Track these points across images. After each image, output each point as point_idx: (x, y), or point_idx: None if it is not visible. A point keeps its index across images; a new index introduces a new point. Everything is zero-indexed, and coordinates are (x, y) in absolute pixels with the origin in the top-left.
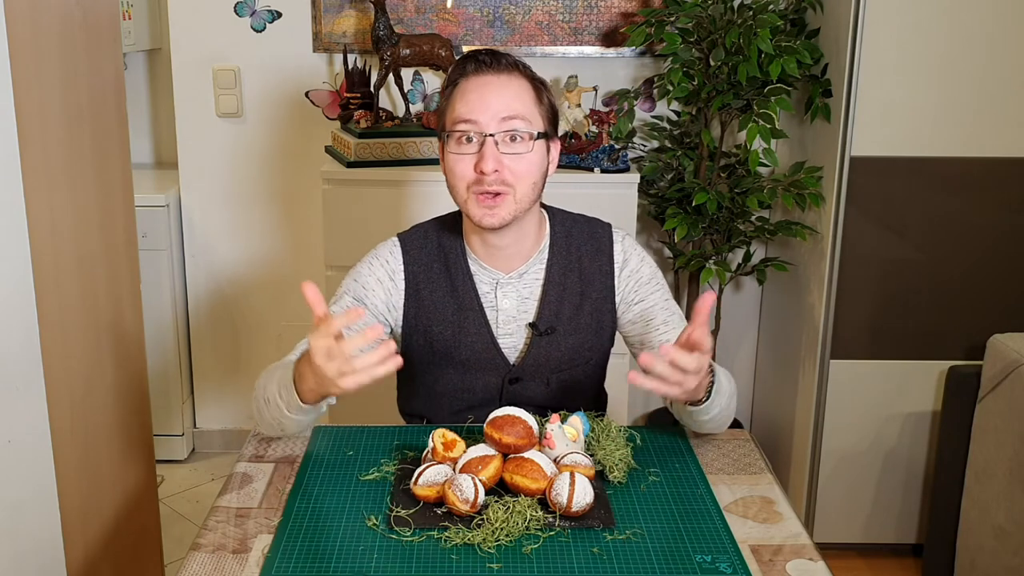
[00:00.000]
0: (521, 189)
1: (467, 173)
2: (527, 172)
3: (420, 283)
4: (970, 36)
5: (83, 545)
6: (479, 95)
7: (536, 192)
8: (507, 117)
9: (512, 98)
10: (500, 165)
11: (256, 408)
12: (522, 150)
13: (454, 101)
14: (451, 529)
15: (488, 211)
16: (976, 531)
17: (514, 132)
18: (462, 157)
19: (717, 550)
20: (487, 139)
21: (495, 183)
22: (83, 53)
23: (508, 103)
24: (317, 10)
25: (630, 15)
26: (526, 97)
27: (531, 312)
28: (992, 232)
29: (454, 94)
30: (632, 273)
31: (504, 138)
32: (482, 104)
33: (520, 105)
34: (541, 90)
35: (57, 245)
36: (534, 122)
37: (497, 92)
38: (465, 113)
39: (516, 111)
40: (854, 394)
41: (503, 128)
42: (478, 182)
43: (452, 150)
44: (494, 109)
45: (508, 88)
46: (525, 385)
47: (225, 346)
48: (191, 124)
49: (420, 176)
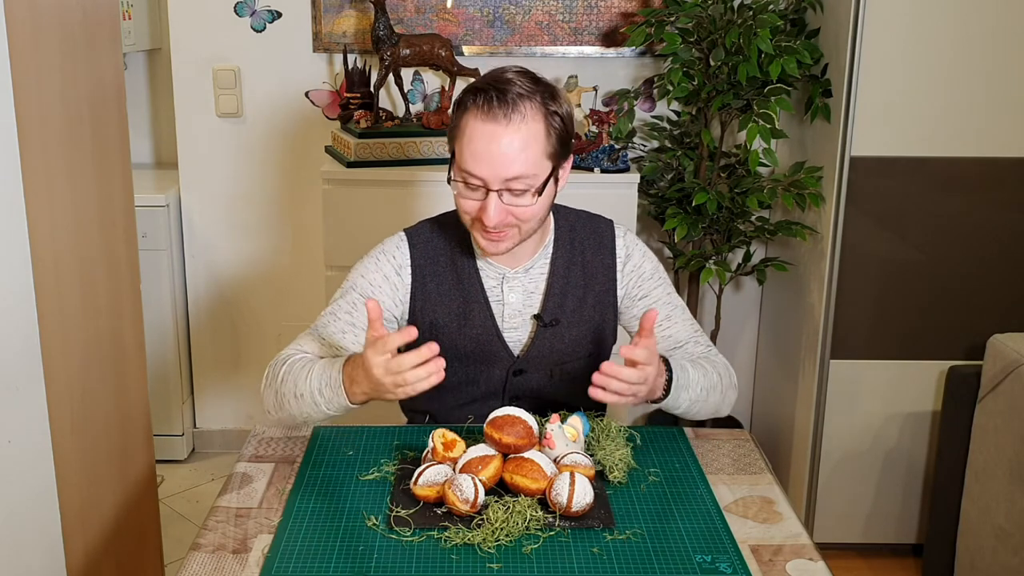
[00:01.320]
0: (526, 227)
1: (471, 209)
2: (533, 213)
3: (426, 277)
4: (970, 36)
5: (83, 545)
6: (485, 149)
7: (542, 222)
8: (510, 179)
9: (517, 154)
10: (503, 215)
11: (275, 400)
12: (526, 203)
13: (461, 140)
14: (451, 529)
15: (492, 244)
16: (976, 531)
17: (517, 190)
18: (468, 200)
19: (717, 550)
20: (491, 194)
21: (500, 227)
22: (83, 53)
23: (512, 162)
24: (317, 10)
25: (630, 15)
26: (533, 146)
27: (536, 306)
28: (992, 232)
29: (463, 131)
30: (635, 268)
31: (507, 193)
32: (487, 161)
33: (524, 162)
34: (551, 120)
35: (57, 245)
36: (541, 172)
37: (502, 149)
38: (470, 166)
39: (519, 171)
40: (854, 394)
41: (506, 187)
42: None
43: (458, 191)
44: (498, 169)
45: (514, 140)
46: (529, 377)
47: (225, 346)
48: (191, 124)
49: (420, 176)
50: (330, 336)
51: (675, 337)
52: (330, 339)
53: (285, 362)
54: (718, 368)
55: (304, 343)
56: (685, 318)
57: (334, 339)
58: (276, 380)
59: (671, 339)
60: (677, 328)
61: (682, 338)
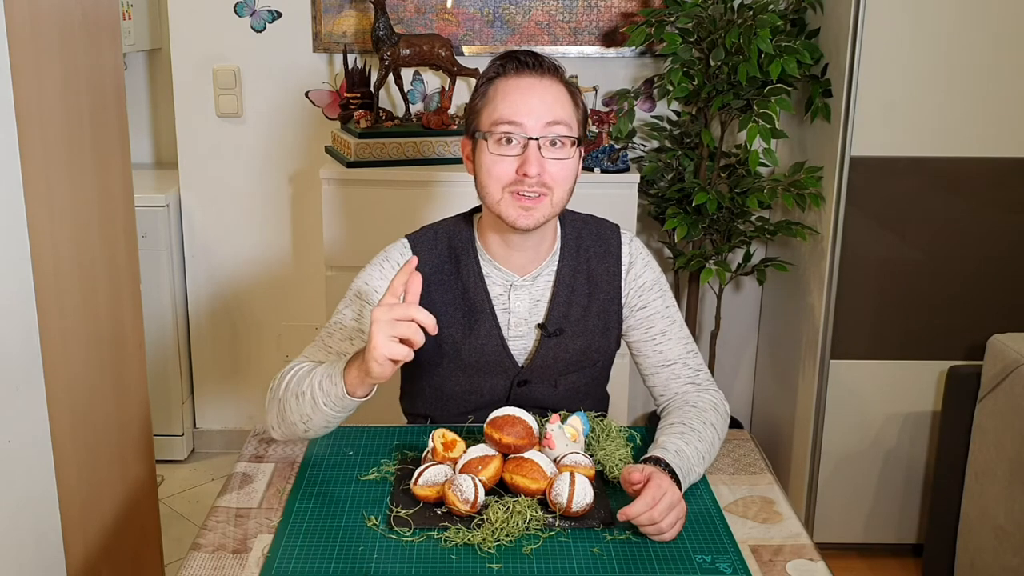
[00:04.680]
0: (558, 193)
1: (505, 174)
2: (566, 177)
3: (430, 284)
4: (970, 36)
5: (83, 545)
6: (523, 97)
7: (569, 196)
8: (551, 122)
9: (554, 102)
10: (542, 169)
11: (278, 411)
12: (563, 155)
13: (494, 100)
14: (451, 529)
15: (524, 212)
16: (976, 531)
17: (557, 137)
18: (502, 158)
19: (717, 550)
20: (531, 142)
21: (536, 186)
22: (83, 53)
23: (551, 107)
24: (317, 10)
25: (630, 15)
26: (566, 103)
27: (541, 314)
28: (992, 232)
29: (494, 93)
30: (636, 277)
31: (546, 142)
32: (526, 107)
33: (562, 110)
34: (576, 95)
35: (57, 245)
36: (574, 128)
37: (540, 96)
38: (509, 115)
39: (559, 116)
40: (854, 394)
41: (547, 133)
42: (517, 183)
43: (493, 150)
44: (538, 112)
45: (550, 92)
46: (533, 387)
47: (225, 346)
48: (191, 124)
49: (421, 176)
50: (337, 345)
51: (666, 355)
52: (337, 348)
53: (289, 372)
54: (705, 413)
55: (311, 353)
56: (681, 335)
57: (341, 347)
58: (279, 388)
59: (661, 355)
60: (670, 346)
61: (673, 357)
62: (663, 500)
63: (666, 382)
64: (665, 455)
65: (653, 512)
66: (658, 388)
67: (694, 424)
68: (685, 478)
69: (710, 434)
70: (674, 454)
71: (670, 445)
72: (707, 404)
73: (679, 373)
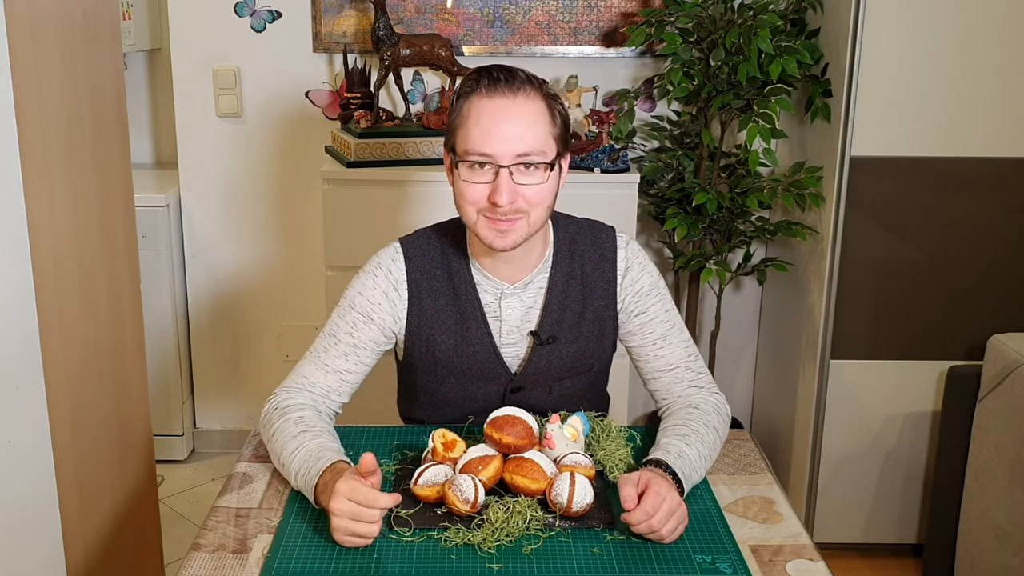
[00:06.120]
0: (536, 213)
1: (478, 199)
2: (543, 198)
3: (423, 292)
4: (970, 36)
5: (83, 545)
6: (494, 123)
7: (548, 213)
8: (522, 153)
9: (527, 128)
10: (514, 195)
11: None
12: (538, 180)
13: (467, 123)
14: (451, 529)
15: (500, 235)
16: (976, 531)
17: (529, 162)
18: (474, 185)
19: (717, 550)
20: (501, 170)
21: (509, 212)
22: (83, 53)
23: (523, 135)
24: (317, 10)
25: (630, 15)
26: (541, 122)
27: (534, 321)
28: (992, 232)
29: (467, 114)
30: (632, 283)
31: (519, 168)
32: (498, 135)
33: (534, 137)
34: (554, 106)
35: (57, 245)
36: (549, 150)
37: (512, 121)
38: (479, 144)
39: (531, 145)
40: (854, 394)
41: (518, 161)
42: (490, 208)
43: (464, 177)
44: (509, 141)
45: (524, 115)
46: (527, 394)
47: (225, 346)
48: (191, 124)
49: (420, 176)
50: (333, 362)
51: (667, 359)
52: (333, 365)
53: (283, 414)
54: (708, 416)
55: (307, 371)
56: (681, 339)
57: (337, 364)
58: (269, 428)
59: (663, 360)
60: (671, 350)
61: (674, 361)
62: (662, 508)
63: (669, 386)
64: (667, 457)
65: (652, 521)
66: (660, 392)
67: (696, 426)
68: (687, 480)
69: (712, 436)
70: (676, 456)
71: (672, 447)
72: (710, 407)
73: (682, 377)
